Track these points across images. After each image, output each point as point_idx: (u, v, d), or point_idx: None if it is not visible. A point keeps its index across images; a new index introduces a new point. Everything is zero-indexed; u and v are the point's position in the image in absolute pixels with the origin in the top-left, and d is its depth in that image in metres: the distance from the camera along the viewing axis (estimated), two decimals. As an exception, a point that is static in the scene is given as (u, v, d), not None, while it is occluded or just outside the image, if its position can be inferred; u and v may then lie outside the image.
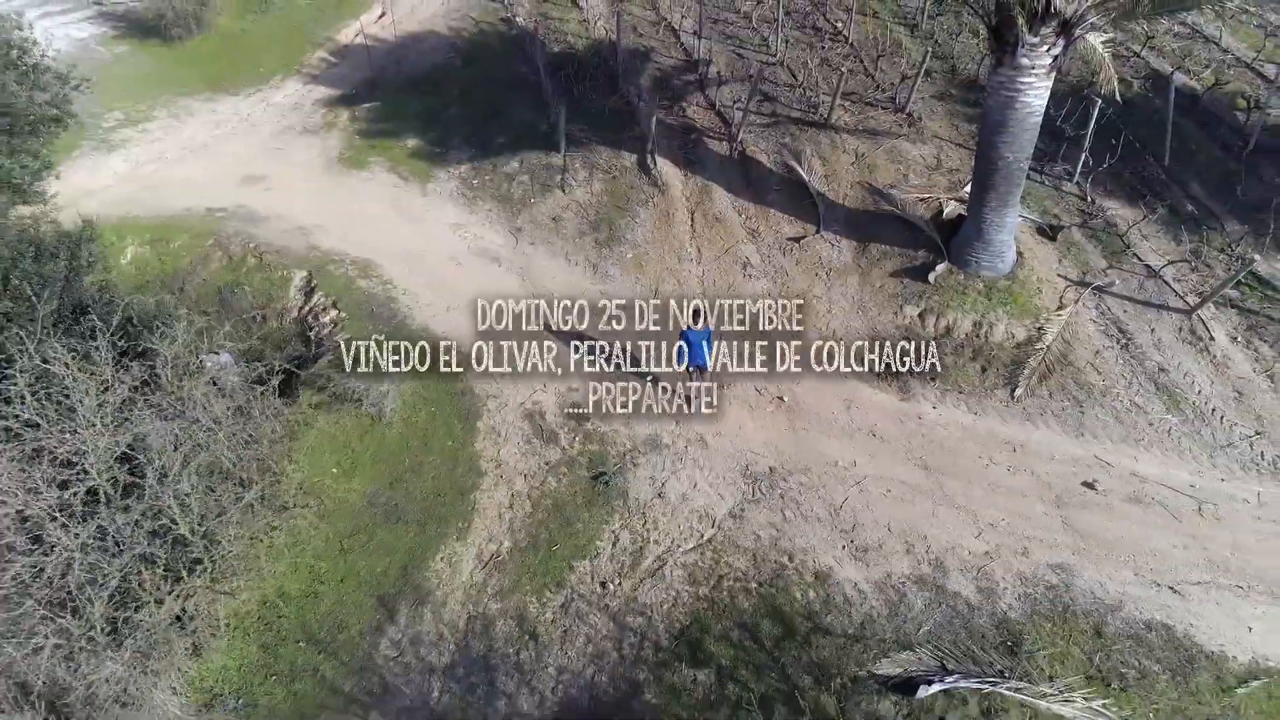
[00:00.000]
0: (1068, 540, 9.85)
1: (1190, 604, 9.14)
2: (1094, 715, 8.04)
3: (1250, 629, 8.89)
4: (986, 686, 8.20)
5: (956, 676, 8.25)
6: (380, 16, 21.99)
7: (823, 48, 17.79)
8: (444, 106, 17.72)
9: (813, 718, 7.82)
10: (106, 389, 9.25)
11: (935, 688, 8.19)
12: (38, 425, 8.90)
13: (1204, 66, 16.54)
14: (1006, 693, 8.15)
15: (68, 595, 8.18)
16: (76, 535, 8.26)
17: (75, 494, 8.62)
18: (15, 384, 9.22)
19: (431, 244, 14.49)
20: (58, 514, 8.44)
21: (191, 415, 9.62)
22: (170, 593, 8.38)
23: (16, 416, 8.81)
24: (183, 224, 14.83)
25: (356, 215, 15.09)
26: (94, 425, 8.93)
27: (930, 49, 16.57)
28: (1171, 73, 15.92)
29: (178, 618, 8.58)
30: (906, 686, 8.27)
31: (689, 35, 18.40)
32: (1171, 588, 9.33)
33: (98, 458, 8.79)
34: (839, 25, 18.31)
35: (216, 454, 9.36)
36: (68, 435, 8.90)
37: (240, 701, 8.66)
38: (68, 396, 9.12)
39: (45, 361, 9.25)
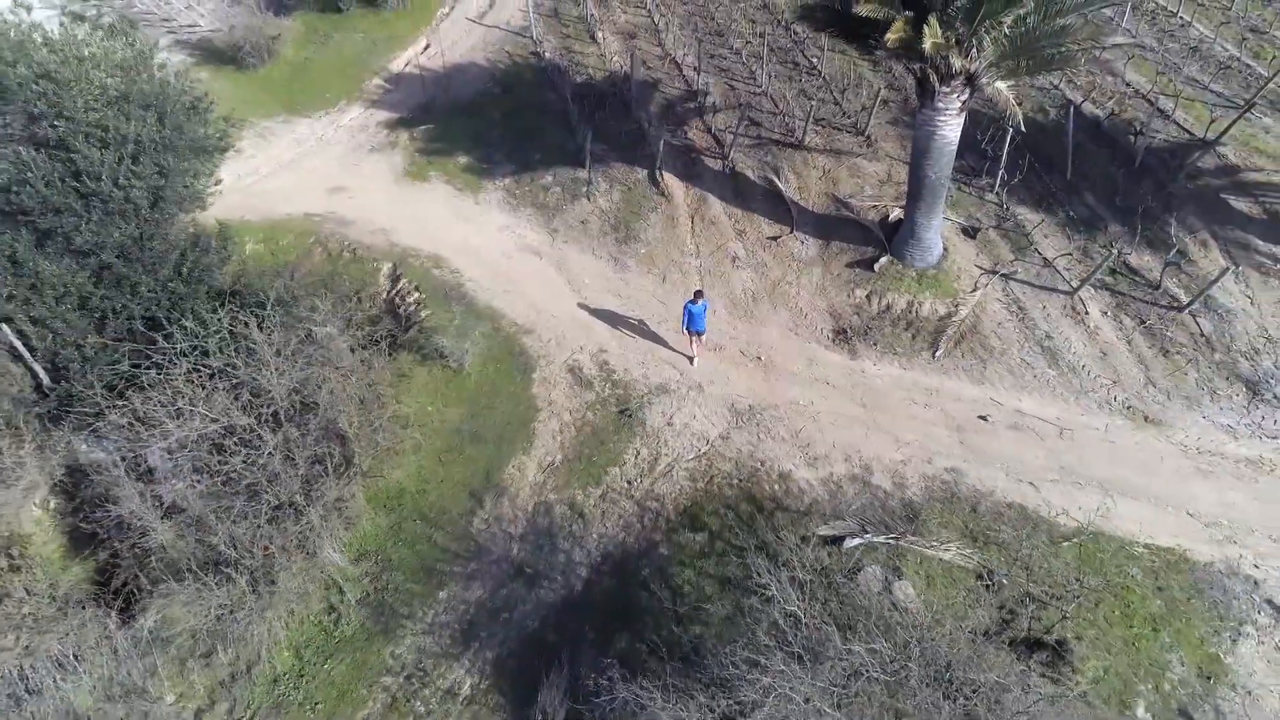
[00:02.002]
0: (961, 453, 13.97)
1: (1040, 493, 13.26)
2: (963, 558, 12.16)
3: (1080, 508, 12.99)
4: (892, 541, 12.30)
5: (871, 535, 12.35)
6: (426, 48, 26.16)
7: (800, 80, 21.94)
8: (487, 129, 21.84)
9: (773, 562, 11.88)
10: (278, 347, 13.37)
11: (857, 541, 12.28)
12: (236, 367, 13.02)
13: (1108, 97, 20.67)
14: (905, 545, 12.26)
15: (268, 481, 12.25)
16: (274, 438, 12.37)
17: (268, 412, 12.74)
18: (210, 341, 13.38)
19: (485, 242, 18.62)
20: (258, 426, 12.56)
21: (334, 364, 13.76)
22: (336, 479, 12.49)
23: (224, 362, 12.92)
24: (287, 226, 18.96)
25: (424, 219, 19.21)
26: (274, 369, 13.05)
27: (886, 83, 20.71)
28: (1080, 103, 20.07)
29: (339, 498, 12.68)
30: (837, 541, 12.36)
31: (690, 69, 22.53)
32: (1030, 483, 13.44)
33: (279, 390, 12.90)
34: (814, 61, 22.44)
35: (355, 390, 13.47)
36: (256, 376, 13.02)
37: (380, 556, 12.78)
38: (253, 351, 13.23)
39: (233, 325, 13.38)
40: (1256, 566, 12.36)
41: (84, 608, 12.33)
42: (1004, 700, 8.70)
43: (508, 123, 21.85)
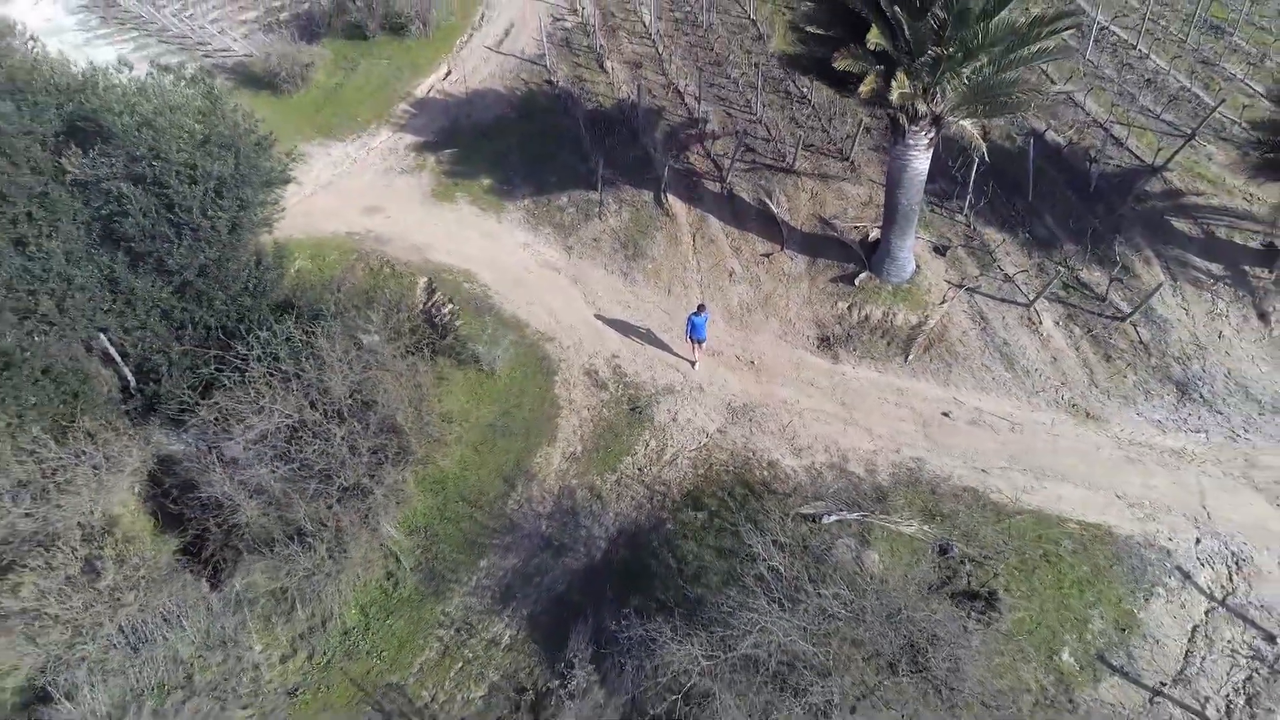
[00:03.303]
0: (925, 445, 16.47)
1: (990, 478, 15.75)
2: (922, 532, 14.66)
3: (1024, 491, 15.48)
4: (862, 518, 14.79)
5: (845, 513, 14.84)
6: (447, 75, 28.66)
7: (791, 109, 24.44)
8: (507, 152, 24.33)
9: (762, 534, 14.36)
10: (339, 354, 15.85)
11: (833, 518, 14.77)
12: (305, 370, 15.51)
13: (1069, 126, 23.17)
14: (874, 520, 14.75)
15: (339, 465, 14.72)
16: (340, 430, 14.85)
17: (333, 409, 15.23)
18: (281, 348, 15.86)
19: (509, 258, 21.12)
20: (325, 420, 15.04)
21: (385, 367, 16.25)
22: (394, 466, 14.99)
23: (295, 367, 15.41)
24: (330, 243, 21.45)
25: (454, 236, 21.71)
26: (338, 371, 15.54)
27: (869, 113, 23.18)
28: (1043, 131, 22.59)
29: (395, 482, 15.16)
30: (816, 519, 14.85)
31: (691, 98, 25.03)
32: (983, 469, 15.94)
33: (341, 390, 15.39)
34: (805, 90, 24.92)
35: (405, 390, 15.97)
36: (322, 377, 15.50)
37: (428, 531, 15.28)
38: (318, 356, 15.71)
39: (304, 335, 15.86)
40: (1170, 540, 14.85)
41: (180, 574, 14.81)
42: (939, 634, 11.20)
43: (525, 147, 24.33)
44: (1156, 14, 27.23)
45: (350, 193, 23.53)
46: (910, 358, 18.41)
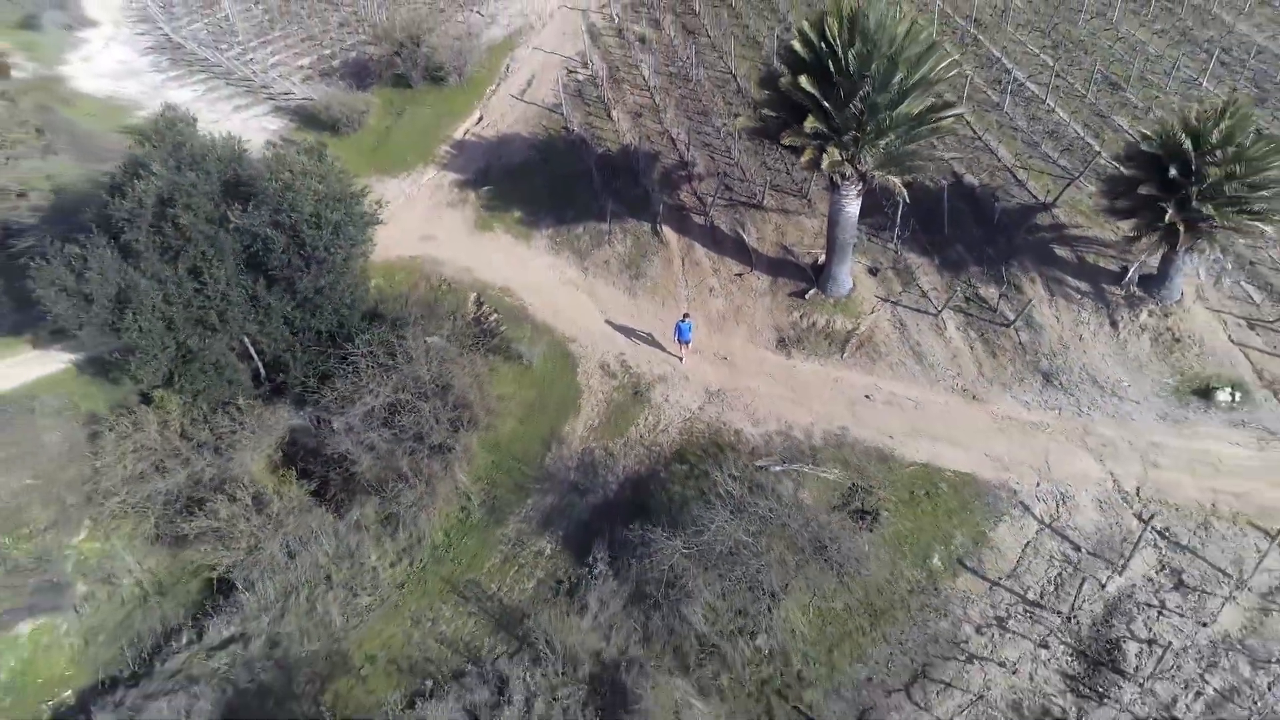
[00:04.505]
0: (851, 418, 22.91)
1: (894, 442, 22.19)
2: (840, 479, 21.09)
3: (918, 450, 21.92)
4: (799, 467, 21.23)
5: (788, 464, 21.28)
6: (479, 120, 35.10)
7: (763, 154, 30.87)
8: (533, 190, 30.76)
9: (731, 478, 20.73)
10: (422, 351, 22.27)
11: (779, 468, 21.21)
12: (398, 363, 21.91)
13: (983, 169, 29.61)
14: (806, 470, 21.20)
15: (428, 429, 21.12)
16: (426, 406, 21.28)
17: (410, 393, 21.63)
18: (373, 345, 22.29)
19: (538, 277, 27.57)
20: (415, 400, 21.46)
21: (454, 361, 22.69)
22: (466, 432, 21.44)
23: (385, 357, 21.81)
24: (397, 265, 27.88)
25: (493, 260, 28.15)
26: (423, 364, 21.95)
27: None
28: (961, 175, 29.03)
29: (465, 444, 21.59)
30: (767, 468, 21.27)
31: (682, 145, 31.47)
32: (890, 436, 22.38)
33: (426, 377, 21.81)
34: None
35: (470, 378, 22.40)
36: (413, 368, 21.92)
37: (489, 479, 21.72)
38: (399, 352, 22.10)
39: (396, 338, 22.29)
40: (1018, 484, 21.29)
41: (315, 509, 21.22)
42: (838, 534, 17.66)
43: (548, 186, 30.77)
44: (1065, 70, 33.70)
45: (408, 224, 29.94)
46: (845, 354, 24.86)
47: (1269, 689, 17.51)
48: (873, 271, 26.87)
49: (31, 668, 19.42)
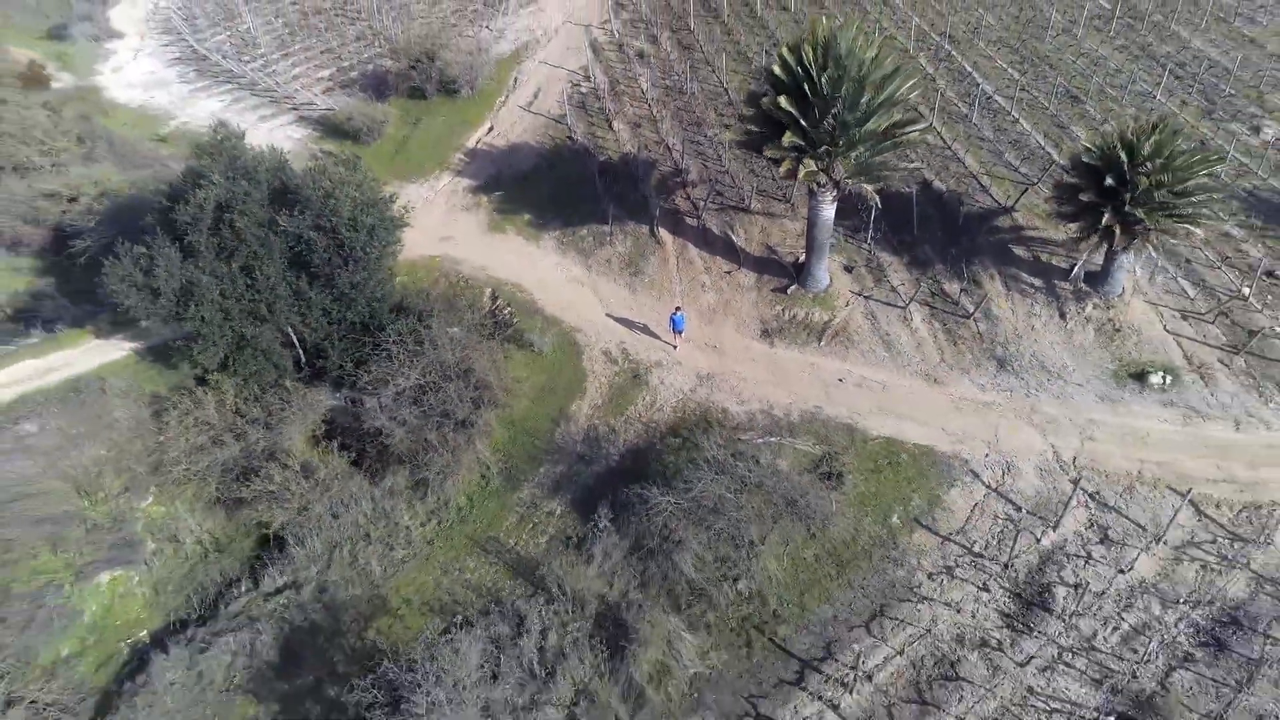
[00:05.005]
0: (824, 399, 26.16)
1: (862, 419, 25.44)
2: (813, 450, 24.32)
3: (883, 426, 25.16)
4: (778, 440, 24.48)
5: (769, 437, 24.52)
6: (490, 130, 38.33)
7: (750, 162, 34.11)
8: (540, 195, 33.99)
9: (719, 449, 23.93)
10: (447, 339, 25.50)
11: (761, 440, 24.45)
12: (424, 350, 25.13)
13: (951, 176, 32.84)
14: (784, 442, 24.44)
15: (451, 408, 24.34)
16: (452, 386, 24.50)
17: (436, 376, 24.85)
18: (403, 334, 25.51)
19: (546, 274, 30.80)
20: (442, 381, 24.68)
21: (474, 348, 25.92)
22: (486, 410, 24.67)
23: (414, 345, 25.05)
24: (418, 264, 31.11)
25: (506, 259, 31.38)
26: (442, 350, 25.18)
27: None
28: (932, 181, 32.27)
29: (485, 420, 24.81)
30: (750, 441, 24.50)
31: (677, 153, 34.69)
32: (858, 413, 25.64)
33: (450, 361, 25.03)
34: (761, 147, 34.54)
35: (488, 363, 25.63)
36: (438, 354, 25.13)
37: (505, 450, 24.97)
38: (426, 340, 25.33)
39: (424, 328, 25.54)
40: (969, 455, 24.52)
41: (353, 476, 24.43)
42: (808, 492, 20.92)
43: (554, 191, 34.01)
44: (1030, 84, 36.96)
45: (427, 226, 33.15)
46: (822, 343, 28.11)
47: (1175, 624, 20.77)
48: (848, 269, 30.12)
49: (110, 612, 22.62)
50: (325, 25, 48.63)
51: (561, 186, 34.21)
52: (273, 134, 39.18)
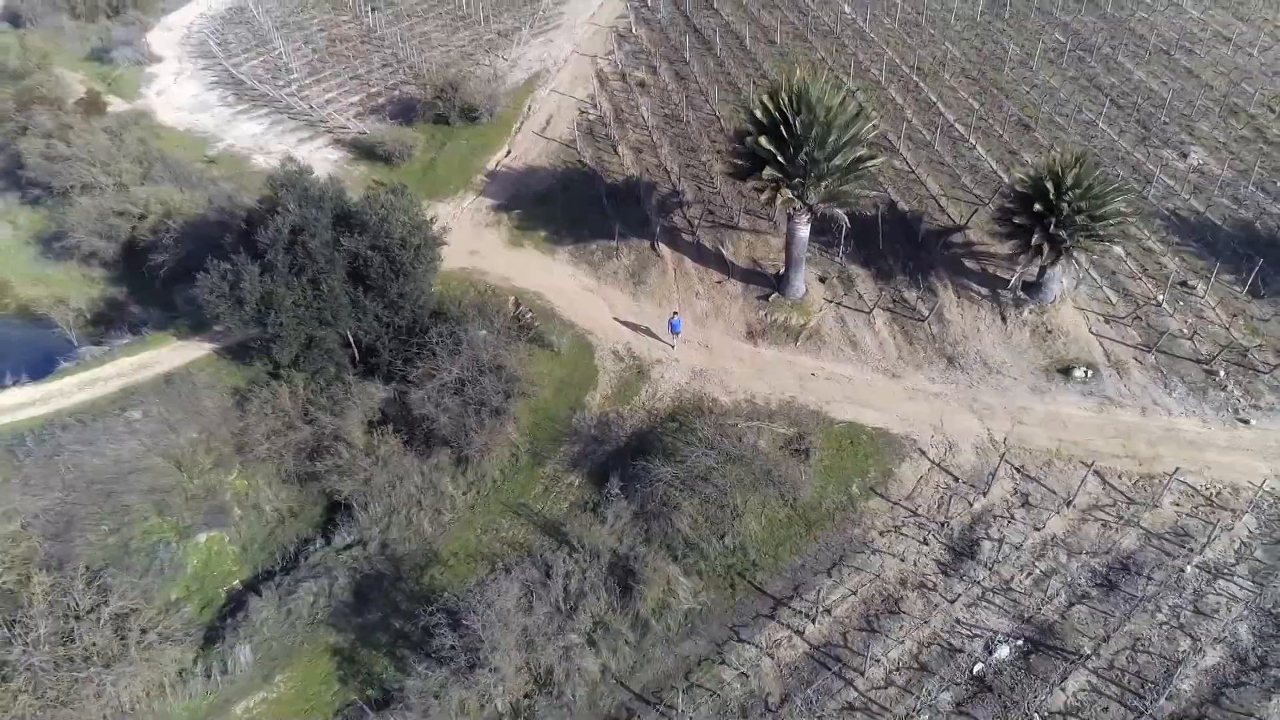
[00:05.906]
0: (799, 390, 31.59)
1: (830, 406, 30.86)
2: (787, 432, 29.74)
3: (846, 413, 30.56)
4: (758, 424, 29.87)
5: (752, 421, 29.92)
6: (508, 153, 43.69)
7: (740, 185, 39.47)
8: (555, 214, 39.37)
9: (709, 431, 29.26)
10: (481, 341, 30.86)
11: (744, 425, 29.83)
12: (462, 349, 30.50)
13: (915, 197, 38.26)
14: (763, 425, 29.85)
15: (488, 398, 29.69)
16: (486, 379, 29.85)
17: (473, 371, 30.21)
18: (444, 336, 30.90)
19: (561, 285, 36.20)
20: (479, 375, 30.03)
21: (503, 348, 31.29)
22: (515, 399, 30.06)
23: (453, 345, 30.42)
24: (452, 276, 36.46)
25: (526, 271, 36.77)
26: (477, 349, 30.54)
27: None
28: (895, 203, 37.69)
29: (514, 408, 30.19)
30: (735, 425, 29.88)
31: (675, 176, 40.07)
32: (827, 402, 31.06)
33: (485, 358, 30.38)
34: (748, 171, 39.95)
35: (515, 360, 31.01)
36: (470, 353, 30.48)
37: (530, 434, 30.38)
38: (464, 341, 30.70)
39: (463, 330, 30.92)
40: (918, 436, 29.93)
41: (404, 454, 29.76)
42: (780, 464, 26.34)
43: (567, 210, 39.39)
44: (987, 113, 42.41)
45: (455, 241, 38.43)
46: (798, 343, 33.51)
47: (1078, 570, 26.17)
48: (822, 279, 35.54)
49: (208, 565, 27.98)
50: (352, 53, 53.95)
51: (573, 206, 39.58)
52: (311, 156, 44.46)
